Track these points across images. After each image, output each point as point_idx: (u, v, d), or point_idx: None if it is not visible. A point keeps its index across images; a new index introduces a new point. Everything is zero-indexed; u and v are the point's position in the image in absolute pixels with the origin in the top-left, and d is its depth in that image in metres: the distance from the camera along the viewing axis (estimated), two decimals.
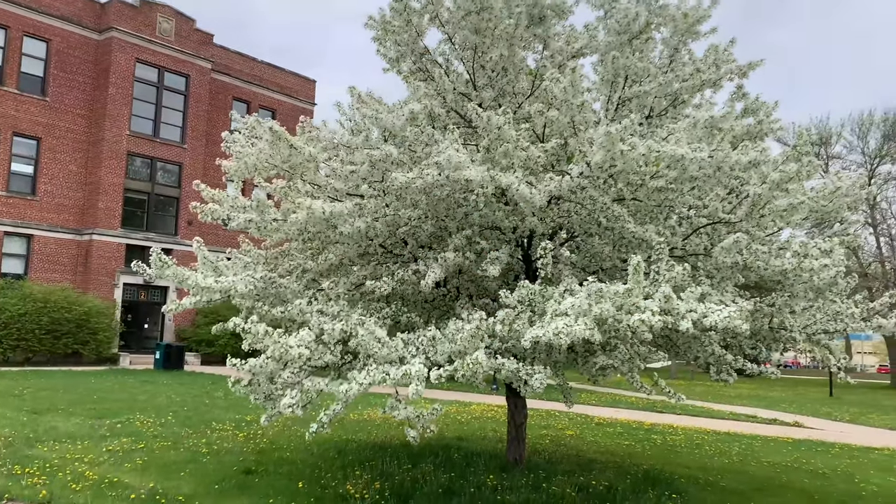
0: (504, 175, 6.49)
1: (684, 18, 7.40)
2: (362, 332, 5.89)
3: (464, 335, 5.55)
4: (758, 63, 7.55)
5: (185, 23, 33.19)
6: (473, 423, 14.91)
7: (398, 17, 8.01)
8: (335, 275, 8.33)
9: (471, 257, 7.42)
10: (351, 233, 7.15)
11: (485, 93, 8.08)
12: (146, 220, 32.10)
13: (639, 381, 7.50)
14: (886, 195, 45.91)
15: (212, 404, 16.22)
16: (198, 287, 7.55)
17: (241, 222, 7.89)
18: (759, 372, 7.59)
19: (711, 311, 5.52)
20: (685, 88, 7.64)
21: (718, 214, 7.40)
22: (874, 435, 17.29)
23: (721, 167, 6.46)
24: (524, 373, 5.79)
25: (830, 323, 7.90)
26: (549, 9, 7.51)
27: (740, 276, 7.51)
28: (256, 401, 6.95)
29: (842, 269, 7.20)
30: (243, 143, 8.40)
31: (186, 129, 33.07)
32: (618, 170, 6.49)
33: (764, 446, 13.94)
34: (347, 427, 13.25)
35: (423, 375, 5.58)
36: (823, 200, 7.75)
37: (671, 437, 14.57)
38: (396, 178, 6.37)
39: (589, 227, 7.62)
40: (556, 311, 5.79)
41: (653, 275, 6.23)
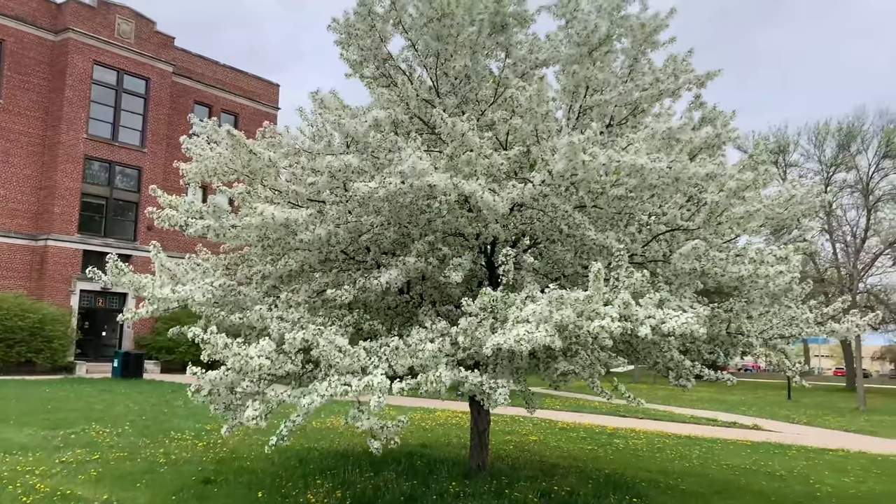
0: (467, 182, 6.49)
1: (642, 28, 7.49)
2: (323, 343, 5.83)
3: (426, 354, 5.53)
4: (715, 73, 7.68)
5: (146, 25, 32.66)
6: (437, 430, 14.88)
7: (361, 22, 7.97)
8: (296, 281, 8.24)
9: (433, 263, 7.40)
10: (311, 240, 7.08)
11: (448, 100, 8.07)
12: (104, 226, 31.45)
13: (599, 386, 7.55)
14: (841, 202, 47.12)
15: (171, 413, 15.92)
16: (154, 297, 7.41)
17: (198, 228, 7.76)
18: (716, 378, 7.70)
19: (669, 316, 5.58)
20: (645, 98, 7.72)
21: (677, 222, 7.51)
22: (829, 436, 17.69)
23: (679, 178, 6.55)
24: (487, 386, 5.79)
25: (786, 328, 8.07)
26: (511, 17, 7.54)
27: (699, 282, 7.62)
28: (216, 411, 6.84)
29: (797, 275, 7.35)
30: (203, 146, 8.27)
31: (146, 133, 32.52)
32: (579, 178, 6.54)
33: (724, 449, 14.15)
34: (310, 435, 13.11)
35: (385, 387, 5.55)
36: (779, 208, 7.90)
37: (633, 441, 14.71)
38: (359, 189, 6.33)
39: (551, 233, 7.66)
40: (517, 317, 5.80)
41: (613, 281, 6.29)
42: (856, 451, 14.59)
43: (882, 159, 45.51)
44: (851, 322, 7.94)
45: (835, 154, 47.40)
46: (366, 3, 7.76)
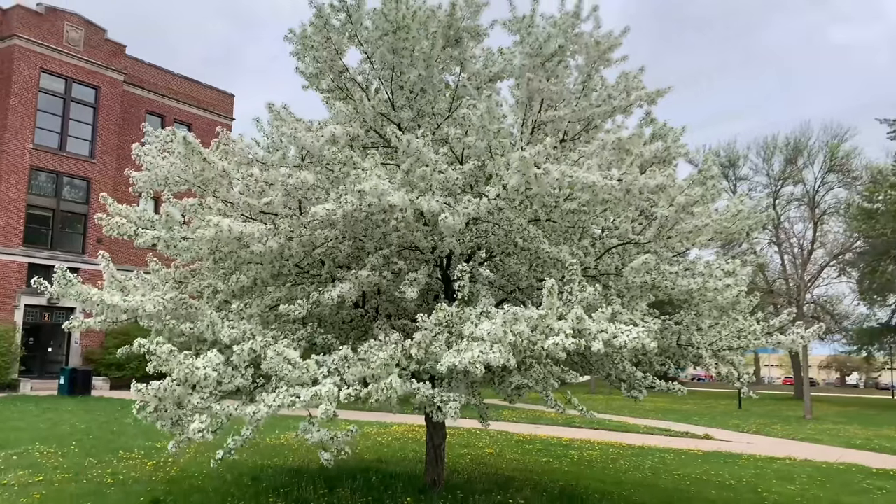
0: (424, 199, 6.49)
1: (596, 46, 7.62)
2: (271, 354, 5.74)
3: (377, 362, 5.50)
4: (666, 90, 7.86)
5: (96, 32, 31.96)
6: (394, 445, 14.77)
7: (317, 34, 7.94)
8: (248, 296, 8.12)
9: (388, 277, 7.37)
10: (263, 252, 6.99)
11: (404, 113, 8.09)
12: (51, 238, 30.52)
13: (553, 399, 7.60)
14: (789, 215, 48.53)
15: (120, 431, 15.48)
16: (103, 305, 7.20)
17: (148, 239, 7.60)
18: (667, 389, 7.82)
19: (621, 331, 5.66)
20: (598, 114, 7.86)
21: (629, 235, 7.63)
22: (777, 445, 18.10)
23: (630, 189, 6.66)
24: (438, 399, 5.78)
25: (734, 340, 8.24)
26: (465, 31, 7.60)
27: (650, 295, 7.75)
28: (163, 428, 6.65)
29: (744, 288, 7.54)
30: (155, 154, 8.12)
31: (96, 143, 31.74)
32: (533, 193, 6.61)
33: (676, 459, 14.36)
34: (263, 452, 12.89)
35: (333, 396, 5.49)
36: (727, 222, 8.10)
37: (588, 452, 14.83)
38: (317, 213, 6.28)
39: (506, 247, 7.71)
40: (472, 334, 5.81)
41: (566, 295, 6.35)
42: (802, 460, 14.96)
43: (827, 173, 47.05)
44: (797, 334, 8.15)
45: (782, 168, 48.83)
46: (322, 15, 7.74)
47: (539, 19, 7.54)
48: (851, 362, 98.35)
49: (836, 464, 14.51)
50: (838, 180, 46.96)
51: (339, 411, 6.57)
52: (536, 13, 7.58)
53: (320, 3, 7.62)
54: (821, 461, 14.81)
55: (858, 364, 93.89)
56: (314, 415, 6.18)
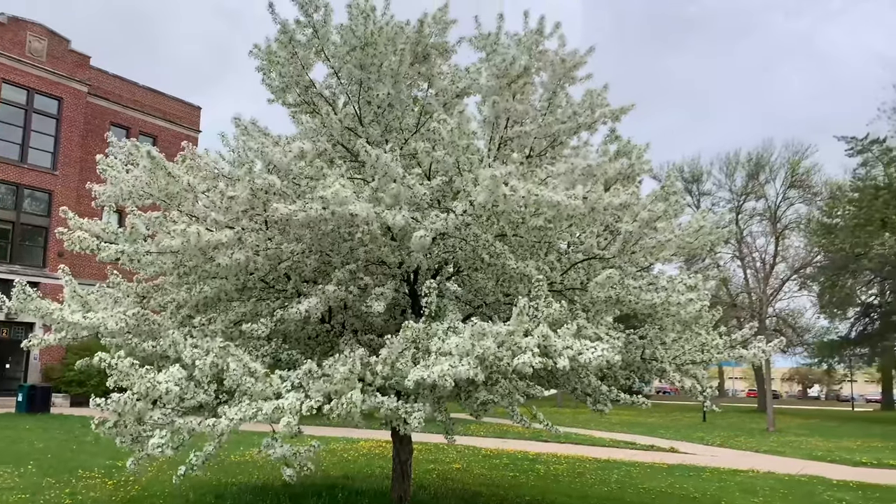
0: (390, 214, 6.50)
1: (562, 64, 7.73)
2: (234, 366, 5.68)
3: (338, 375, 5.48)
4: (629, 107, 7.99)
5: (59, 43, 31.49)
6: (360, 461, 14.66)
7: (283, 49, 7.93)
8: (212, 310, 8.02)
9: (354, 292, 7.35)
10: (229, 265, 6.93)
11: (371, 128, 8.10)
12: (10, 252, 29.84)
13: (519, 414, 7.63)
14: (752, 230, 49.53)
15: (79, 450, 15.12)
16: (64, 322, 7.06)
17: (111, 253, 7.48)
18: (631, 402, 7.89)
19: (586, 348, 5.71)
20: (563, 130, 7.95)
21: (594, 251, 7.71)
22: (741, 458, 18.34)
23: (595, 207, 6.75)
24: (403, 411, 5.77)
25: (698, 353, 8.35)
26: (432, 48, 7.66)
27: (615, 310, 7.84)
28: (123, 444, 6.49)
29: (706, 302, 7.66)
30: (119, 168, 8.01)
31: (58, 155, 31.17)
32: (499, 210, 6.66)
33: (641, 472, 14.47)
34: (227, 469, 12.69)
35: (295, 409, 5.45)
36: (689, 238, 8.24)
37: (555, 466, 14.87)
38: (278, 209, 6.24)
39: (473, 262, 7.75)
40: (440, 349, 5.82)
41: (532, 311, 6.39)
42: (764, 472, 15.18)
43: (788, 189, 48.16)
44: (758, 348, 8.30)
45: (745, 183, 49.90)
46: (287, 30, 7.73)
47: (504, 37, 7.63)
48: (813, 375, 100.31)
49: (797, 476, 14.75)
50: (799, 196, 48.14)
51: (304, 427, 6.52)
52: (502, 31, 7.67)
53: (285, 18, 7.62)
54: (783, 473, 15.04)
55: (820, 376, 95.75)
56: (277, 430, 6.12)
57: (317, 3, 7.70)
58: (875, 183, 33.69)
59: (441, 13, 7.87)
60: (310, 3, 7.65)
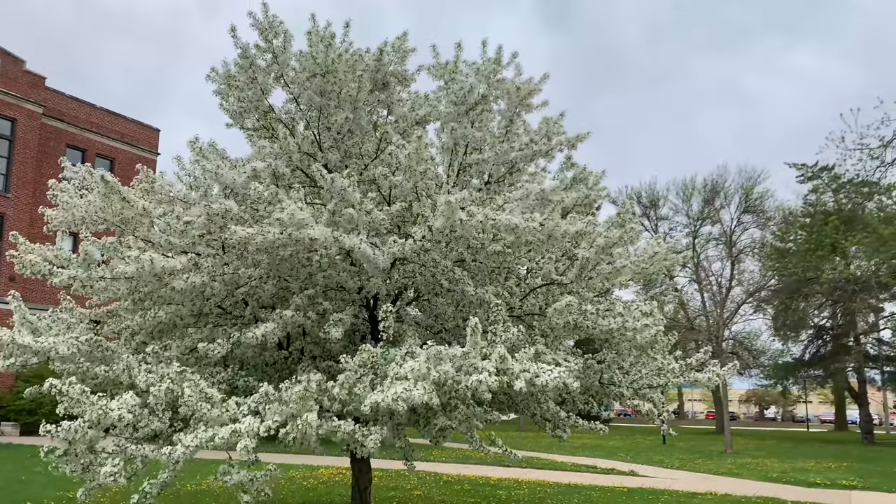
0: (348, 237, 6.51)
1: (517, 91, 7.87)
2: (189, 392, 5.60)
3: (293, 395, 5.44)
4: (585, 135, 8.15)
5: (14, 63, 30.89)
6: (320, 488, 14.43)
7: (242, 74, 7.94)
8: (168, 337, 7.89)
9: (312, 317, 7.31)
10: (185, 289, 6.84)
11: (331, 154, 8.12)
12: None
13: (478, 440, 7.63)
14: (708, 254, 50.53)
15: (29, 480, 14.59)
16: (13, 346, 6.87)
17: (63, 279, 7.33)
18: (589, 429, 7.95)
19: (543, 370, 5.77)
20: (520, 157, 8.07)
21: (552, 276, 7.81)
22: (699, 480, 18.52)
23: (552, 234, 6.85)
24: (360, 434, 5.74)
25: (654, 377, 8.46)
26: (392, 76, 7.73)
27: (573, 335, 7.92)
28: (73, 473, 6.29)
29: (661, 328, 7.79)
30: (72, 192, 7.88)
31: (11, 177, 30.42)
32: (458, 235, 6.72)
33: (602, 497, 14.51)
34: (183, 499, 12.38)
35: (252, 432, 5.39)
36: (644, 263, 8.40)
37: (516, 492, 14.84)
38: (236, 232, 6.20)
39: (433, 287, 7.78)
40: (396, 374, 5.82)
41: (490, 335, 6.44)
42: (722, 494, 15.35)
43: (742, 214, 49.34)
44: (713, 371, 8.46)
45: (701, 208, 50.95)
46: (248, 55, 7.75)
47: (462, 65, 7.75)
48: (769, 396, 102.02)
49: (754, 498, 14.94)
50: (753, 221, 49.39)
51: (263, 455, 6.43)
52: (460, 60, 7.79)
53: (246, 43, 7.63)
54: (740, 495, 15.23)
55: (776, 398, 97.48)
56: (235, 457, 6.04)
57: (276, 30, 7.74)
58: (825, 209, 34.73)
59: (400, 41, 7.97)
60: (269, 29, 7.70)
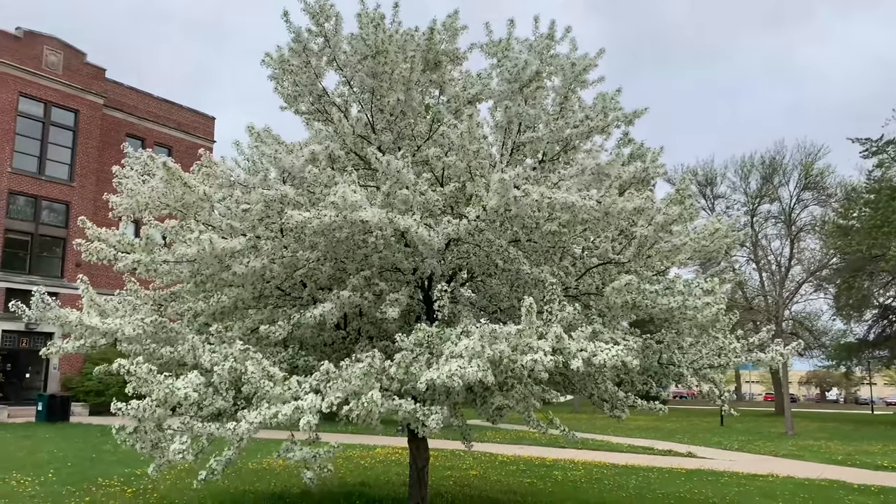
0: (402, 218, 6.53)
1: (572, 68, 7.73)
2: (252, 369, 5.71)
3: (356, 372, 5.49)
4: (642, 111, 7.97)
5: (75, 56, 31.86)
6: (377, 467, 14.65)
7: (296, 57, 7.99)
8: (229, 319, 8.08)
9: (369, 298, 7.37)
10: (246, 273, 6.97)
11: (384, 136, 8.14)
12: (29, 263, 30.14)
13: (535, 419, 7.61)
14: (767, 233, 49.08)
15: (98, 458, 15.22)
16: (82, 327, 7.12)
17: (128, 263, 7.56)
18: (648, 409, 7.85)
19: (601, 349, 5.70)
20: (576, 135, 7.94)
21: (609, 255, 7.69)
22: (760, 462, 18.16)
23: (609, 212, 6.74)
24: (421, 413, 5.77)
25: (715, 358, 8.29)
26: (443, 55, 7.68)
27: (631, 315, 7.80)
28: (143, 450, 6.51)
29: (723, 306, 7.61)
30: (136, 179, 8.10)
31: (75, 167, 31.51)
32: (513, 214, 6.67)
33: (659, 478, 14.36)
34: (245, 477, 12.73)
35: (315, 408, 5.47)
36: (705, 241, 8.20)
37: (572, 472, 14.80)
38: (293, 216, 6.28)
39: (487, 268, 7.75)
40: (451, 352, 5.83)
41: (546, 315, 6.39)
42: (784, 476, 15.02)
43: (802, 191, 47.71)
44: (776, 351, 8.24)
45: (759, 186, 49.43)
46: (301, 39, 7.79)
47: (515, 43, 7.64)
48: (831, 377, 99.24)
49: (817, 480, 14.58)
50: (813, 198, 47.66)
51: (320, 434, 6.54)
52: (512, 37, 7.69)
53: (298, 27, 7.67)
54: (803, 478, 14.88)
55: (838, 379, 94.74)
56: (297, 436, 6.16)
57: (328, 13, 7.76)
58: (891, 184, 33.33)
59: (451, 20, 7.91)
60: (321, 13, 7.72)
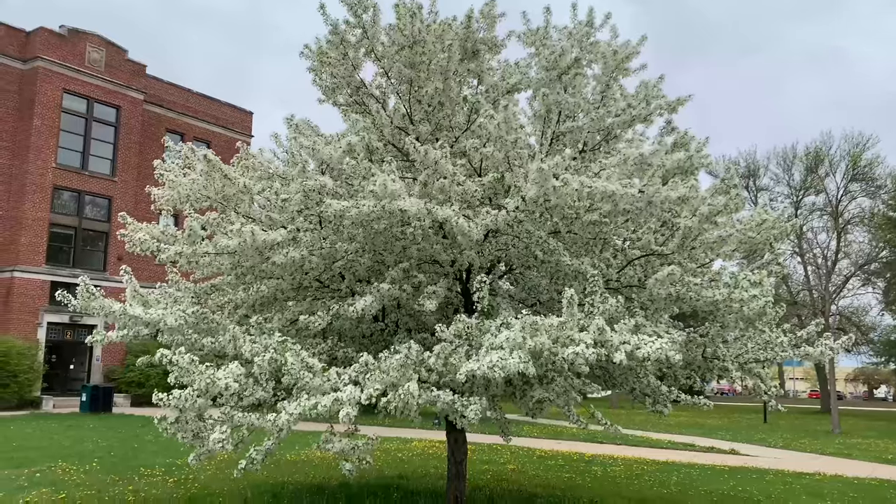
0: (441, 208, 6.46)
1: (614, 56, 7.56)
2: (291, 360, 5.70)
3: (393, 363, 5.45)
4: (686, 99, 7.77)
5: (117, 53, 32.45)
6: (415, 461, 14.65)
7: (334, 49, 7.96)
8: (268, 310, 8.11)
9: (408, 290, 7.32)
10: (285, 263, 6.97)
11: (422, 126, 8.07)
12: (73, 256, 30.84)
13: (575, 414, 7.48)
14: (812, 225, 47.87)
15: (141, 448, 15.51)
16: (125, 317, 7.20)
17: (170, 254, 7.62)
18: (692, 403, 7.66)
19: (644, 342, 5.55)
20: (617, 123, 7.78)
21: (651, 247, 7.52)
22: (805, 460, 17.73)
23: (652, 201, 6.57)
24: (460, 405, 5.70)
25: (761, 352, 8.07)
26: (481, 43, 7.57)
27: (674, 307, 7.62)
28: (184, 440, 6.56)
29: (770, 299, 7.38)
30: (177, 171, 8.16)
31: (117, 162, 32.12)
32: (552, 204, 6.54)
33: (702, 475, 14.10)
34: (283, 468, 12.83)
35: (354, 400, 5.44)
36: (751, 232, 7.95)
37: (611, 468, 14.61)
38: (331, 205, 6.24)
39: (526, 259, 7.63)
40: (491, 344, 5.74)
41: (588, 307, 6.25)
42: (832, 475, 14.62)
43: (850, 182, 46.38)
44: (825, 345, 7.98)
45: (803, 178, 48.23)
46: (338, 31, 7.75)
47: (553, 31, 7.49)
48: (879, 375, 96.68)
49: (867, 480, 14.16)
50: (861, 189, 46.30)
51: (359, 426, 6.51)
52: (550, 25, 7.54)
53: (336, 19, 7.63)
54: (851, 477, 14.47)
55: (887, 377, 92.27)
56: (335, 427, 6.15)
57: (365, 4, 7.70)
58: None
59: (488, 7, 7.79)
60: (359, 4, 7.66)
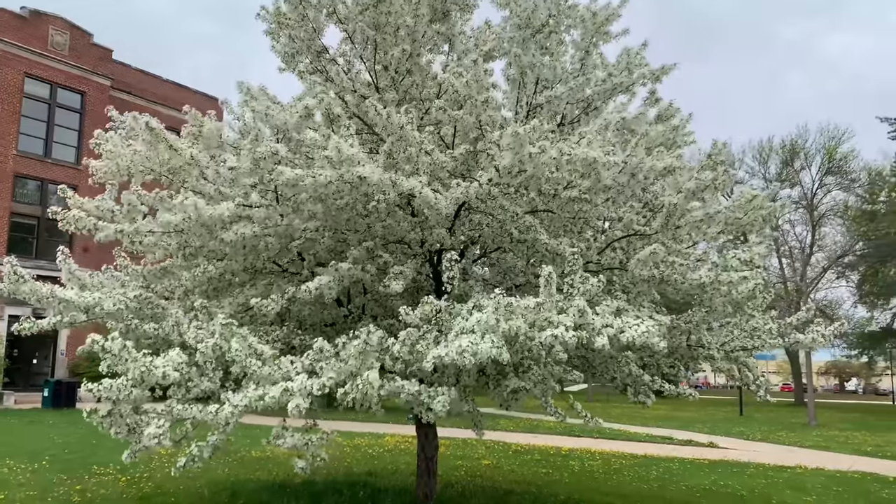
0: (406, 179, 5.87)
1: (593, 18, 7.02)
2: (237, 346, 5.09)
3: (351, 350, 4.85)
4: (671, 67, 7.24)
5: (82, 37, 31.35)
6: (385, 457, 14.07)
7: (293, 11, 7.34)
8: (223, 296, 7.47)
9: (371, 271, 6.72)
10: (235, 242, 6.33)
11: (388, 95, 7.46)
12: (36, 248, 29.76)
13: (552, 405, 6.95)
14: (788, 217, 47.93)
15: (99, 445, 14.73)
16: (55, 300, 6.54)
17: (109, 233, 6.95)
18: (677, 394, 7.18)
19: (629, 325, 5.03)
20: (598, 94, 7.24)
21: (633, 226, 7.00)
22: (785, 453, 17.44)
23: (635, 174, 6.04)
24: (426, 396, 5.12)
25: (748, 339, 7.62)
26: (452, 3, 6.98)
27: (656, 293, 7.13)
28: (118, 435, 5.88)
29: (760, 281, 6.90)
30: (117, 141, 7.50)
31: (81, 150, 31.06)
32: (528, 174, 5.98)
33: (681, 469, 13.69)
34: (247, 465, 12.19)
35: (306, 390, 4.84)
36: (739, 212, 7.47)
37: (589, 462, 14.16)
38: (283, 173, 5.60)
39: (501, 240, 7.07)
40: (462, 328, 5.17)
41: (567, 288, 5.71)
42: (813, 468, 14.30)
43: (825, 175, 46.50)
44: (816, 332, 7.53)
45: (779, 171, 48.28)
46: None
47: None
48: (850, 368, 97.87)
49: (849, 472, 13.85)
50: (836, 182, 46.45)
51: (325, 422, 5.90)
52: None
53: None
54: (833, 470, 14.15)
55: (857, 370, 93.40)
56: (292, 422, 5.55)
57: None
58: None
59: None
60: None
